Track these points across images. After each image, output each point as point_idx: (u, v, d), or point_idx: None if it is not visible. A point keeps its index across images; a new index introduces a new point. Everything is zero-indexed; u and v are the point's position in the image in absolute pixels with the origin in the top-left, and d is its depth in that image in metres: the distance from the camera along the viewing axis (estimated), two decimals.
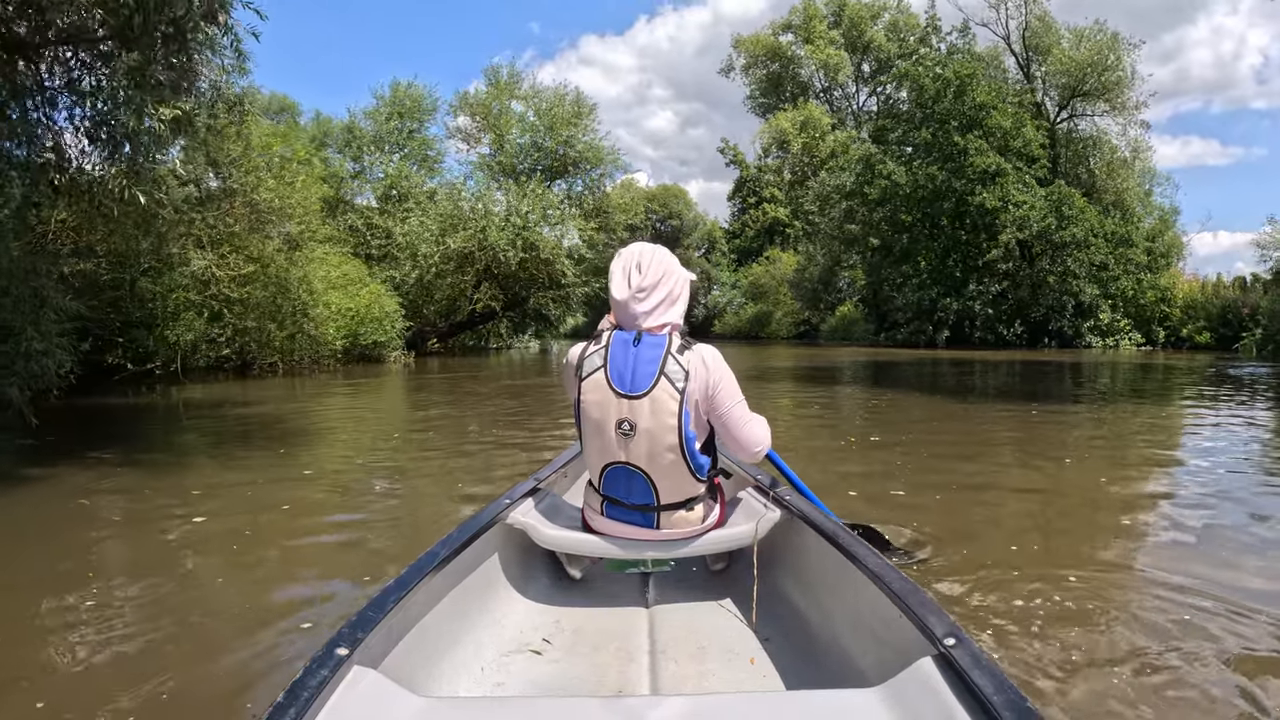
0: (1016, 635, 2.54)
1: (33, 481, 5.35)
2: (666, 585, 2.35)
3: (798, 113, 41.96)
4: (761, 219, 60.34)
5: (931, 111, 30.32)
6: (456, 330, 27.38)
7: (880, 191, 30.37)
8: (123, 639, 2.62)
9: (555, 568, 2.42)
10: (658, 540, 2.15)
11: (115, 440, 7.36)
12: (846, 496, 4.54)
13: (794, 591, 2.17)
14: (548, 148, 26.18)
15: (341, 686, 1.31)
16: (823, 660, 1.85)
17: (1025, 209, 28.88)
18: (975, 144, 28.64)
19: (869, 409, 10.03)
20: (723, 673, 1.84)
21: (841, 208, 33.79)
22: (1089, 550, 3.51)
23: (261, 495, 4.89)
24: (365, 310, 18.74)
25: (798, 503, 2.24)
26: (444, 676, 1.76)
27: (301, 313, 15.52)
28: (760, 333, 51.55)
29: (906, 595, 1.54)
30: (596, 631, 2.07)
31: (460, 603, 1.95)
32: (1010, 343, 30.98)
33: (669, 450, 2.03)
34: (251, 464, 6.04)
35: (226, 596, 3.11)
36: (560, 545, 2.23)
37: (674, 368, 2.00)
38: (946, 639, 1.34)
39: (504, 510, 2.24)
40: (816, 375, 16.30)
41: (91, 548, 3.87)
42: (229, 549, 3.70)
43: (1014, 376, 16.34)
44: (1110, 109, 35.17)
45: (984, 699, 1.18)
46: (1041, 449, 6.55)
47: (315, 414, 9.86)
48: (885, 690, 1.37)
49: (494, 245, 22.11)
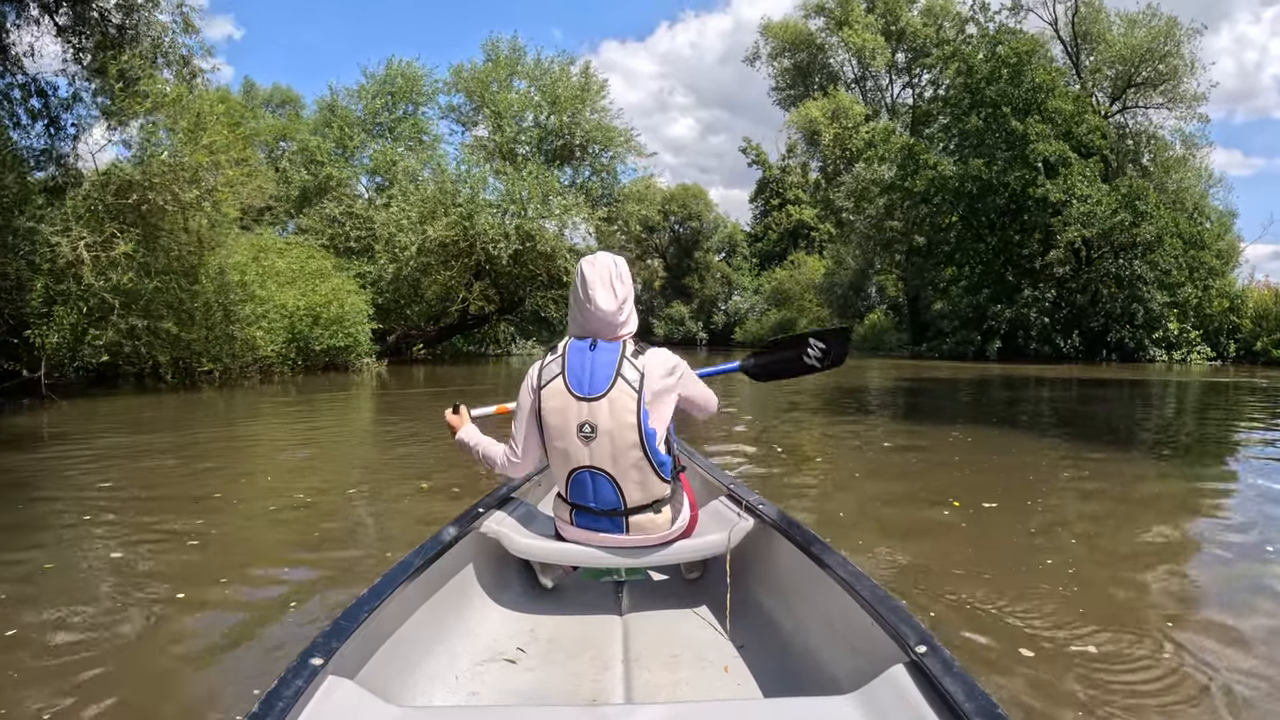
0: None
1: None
2: (640, 594, 2.36)
3: (829, 102, 38.49)
4: (785, 221, 57.25)
5: (982, 95, 26.90)
6: (446, 334, 24.33)
7: (925, 184, 27.00)
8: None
9: (529, 577, 2.42)
10: (630, 547, 2.14)
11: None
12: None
13: (767, 599, 2.15)
14: (551, 127, 22.86)
15: (316, 696, 1.29)
16: (796, 668, 1.84)
17: (1091, 204, 25.42)
18: (1037, 128, 25.21)
19: (954, 451, 6.87)
20: (697, 681, 1.84)
21: (879, 204, 30.42)
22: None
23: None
24: (322, 309, 15.72)
25: (770, 512, 2.22)
26: (419, 686, 1.75)
27: (220, 310, 12.47)
28: None
29: (879, 603, 1.54)
30: (571, 640, 2.07)
31: (435, 612, 1.95)
32: (1066, 355, 27.63)
33: (631, 448, 2.05)
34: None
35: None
36: (533, 554, 2.23)
37: (629, 369, 2.05)
38: (918, 646, 1.35)
39: (477, 519, 2.24)
40: (865, 399, 13.07)
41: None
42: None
43: (1122, 401, 13.07)
44: (1166, 101, 32.29)
45: (955, 706, 1.18)
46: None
47: (163, 453, 6.76)
48: (858, 698, 1.37)
49: (482, 234, 18.89)
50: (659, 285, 62.55)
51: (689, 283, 60.66)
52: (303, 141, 24.09)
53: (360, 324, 17.13)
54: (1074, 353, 27.96)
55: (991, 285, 28.58)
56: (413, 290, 21.73)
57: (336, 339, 16.13)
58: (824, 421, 9.37)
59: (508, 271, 21.20)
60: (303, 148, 23.72)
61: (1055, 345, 27.92)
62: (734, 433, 7.91)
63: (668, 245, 62.56)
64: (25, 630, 2.70)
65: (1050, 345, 27.86)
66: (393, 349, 22.76)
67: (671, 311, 59.99)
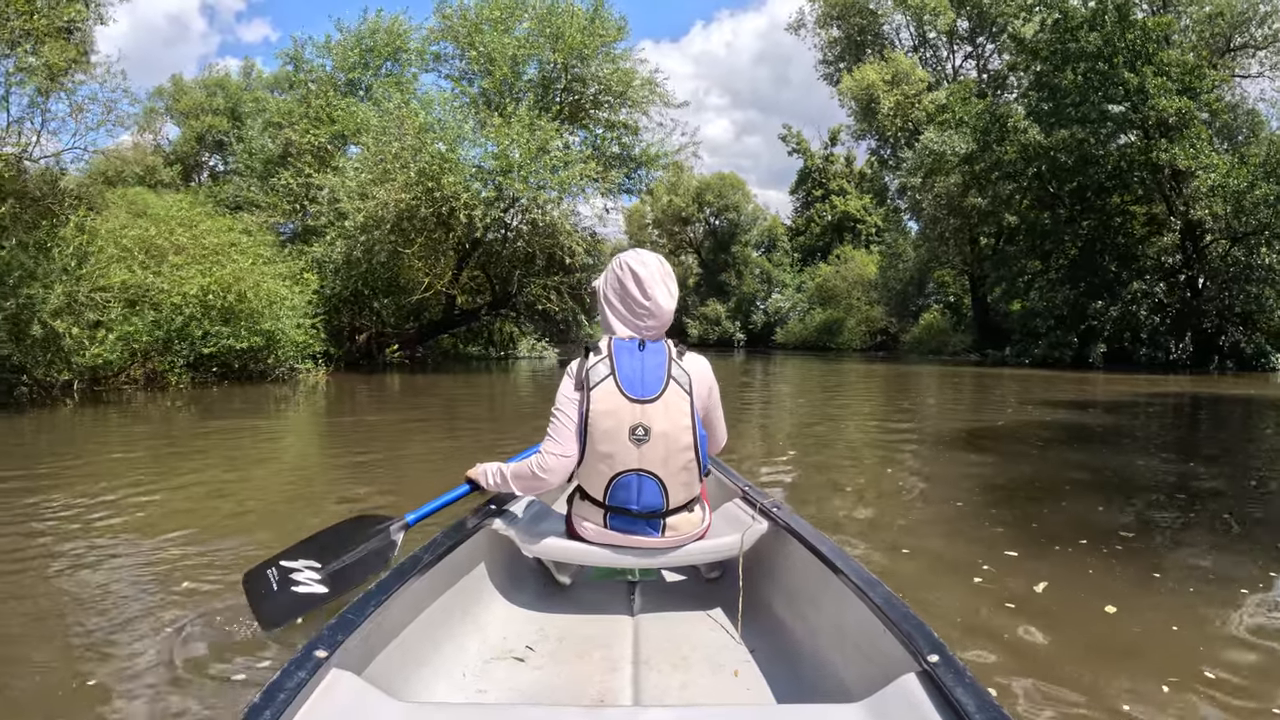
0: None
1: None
2: (652, 595, 2.34)
3: (886, 67, 33.59)
4: (829, 213, 52.49)
5: (1080, 46, 21.91)
6: (430, 334, 20.22)
7: (1017, 154, 22.13)
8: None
9: (540, 574, 2.40)
10: (644, 548, 2.12)
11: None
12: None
13: (779, 604, 2.14)
14: (554, 74, 18.34)
15: (319, 689, 1.28)
16: (807, 674, 1.83)
17: (1220, 174, 20.39)
18: (1156, 81, 20.27)
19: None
20: (706, 684, 1.83)
21: (951, 181, 25.59)
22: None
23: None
24: (217, 298, 11.65)
25: (784, 515, 2.22)
26: (425, 682, 1.73)
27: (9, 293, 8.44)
28: (830, 343, 43.50)
29: (891, 610, 1.53)
30: (580, 640, 2.06)
31: (443, 608, 1.94)
32: (1175, 364, 22.76)
33: (684, 450, 2.05)
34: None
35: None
36: (544, 553, 2.19)
37: (678, 372, 2.07)
38: (930, 655, 1.34)
39: (489, 517, 2.24)
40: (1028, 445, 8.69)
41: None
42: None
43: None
44: (1267, 69, 27.93)
45: (966, 717, 1.17)
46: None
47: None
48: (868, 706, 1.37)
49: (453, 199, 14.55)
50: (693, 283, 58.10)
51: (726, 279, 56.01)
52: (259, 100, 20.11)
53: (289, 319, 13.04)
54: (1182, 360, 23.08)
55: (1089, 277, 23.75)
56: (384, 278, 17.61)
57: (241, 339, 12.00)
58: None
59: (497, 253, 16.96)
60: (259, 107, 19.76)
61: (1166, 350, 23.09)
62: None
63: (702, 239, 58.09)
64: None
65: (1162, 350, 23.01)
66: (362, 351, 18.71)
67: (707, 310, 55.21)
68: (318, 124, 19.46)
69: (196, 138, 31.47)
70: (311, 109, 20.22)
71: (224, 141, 29.49)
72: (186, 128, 31.78)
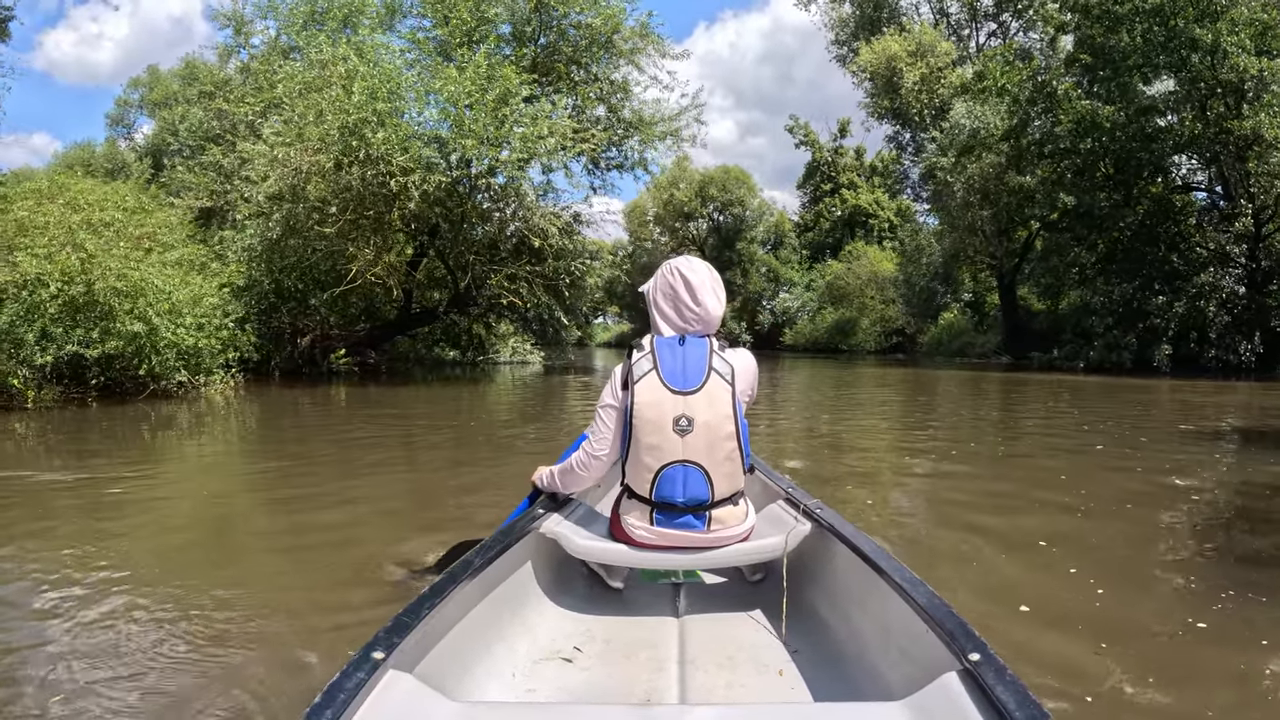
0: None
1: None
2: (697, 596, 2.35)
3: (908, 40, 30.59)
4: (840, 207, 49.55)
5: (1135, 4, 18.93)
6: (383, 336, 17.30)
7: (1072, 127, 19.06)
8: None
9: (587, 577, 2.41)
10: (690, 546, 2.12)
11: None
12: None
13: (822, 604, 2.14)
14: (523, 17, 15.16)
15: (377, 690, 1.29)
16: (849, 673, 1.82)
17: None
18: (1230, 39, 17.32)
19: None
20: (751, 684, 1.83)
21: (987, 162, 22.58)
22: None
23: None
24: (70, 289, 8.79)
25: (828, 516, 2.21)
26: (476, 682, 1.74)
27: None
28: (842, 345, 40.58)
29: (933, 610, 1.51)
30: (627, 641, 2.06)
31: (493, 610, 1.94)
32: (1241, 366, 19.88)
33: (727, 439, 2.05)
34: None
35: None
36: (591, 555, 2.22)
37: (720, 363, 2.08)
38: (972, 654, 1.32)
39: (536, 520, 2.24)
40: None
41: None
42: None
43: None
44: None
45: (1007, 715, 1.15)
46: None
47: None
48: (910, 704, 1.36)
49: (383, 159, 11.53)
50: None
51: (731, 278, 52.99)
52: (191, 66, 17.25)
53: (190, 317, 10.19)
54: (1248, 363, 20.18)
55: (1144, 269, 20.84)
56: (323, 269, 14.69)
57: (110, 342, 9.16)
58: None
59: (451, 236, 14.03)
60: (190, 73, 16.90)
61: (1237, 351, 20.18)
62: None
63: (706, 236, 55.14)
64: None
65: (1232, 352, 20.10)
66: (305, 357, 15.83)
67: None
68: (256, 92, 16.61)
69: (169, 130, 28.95)
70: (252, 75, 17.34)
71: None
72: (159, 119, 29.19)
